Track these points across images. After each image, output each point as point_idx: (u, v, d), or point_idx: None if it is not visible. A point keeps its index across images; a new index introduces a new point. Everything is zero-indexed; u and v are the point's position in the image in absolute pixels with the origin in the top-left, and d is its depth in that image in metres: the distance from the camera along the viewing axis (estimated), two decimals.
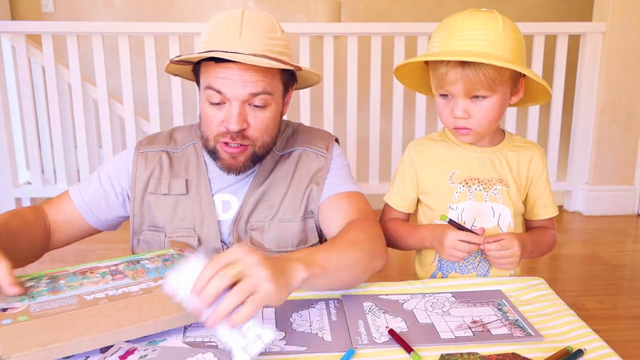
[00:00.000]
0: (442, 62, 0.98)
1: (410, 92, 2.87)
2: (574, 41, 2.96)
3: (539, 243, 1.09)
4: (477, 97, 0.98)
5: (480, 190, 1.07)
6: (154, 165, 1.12)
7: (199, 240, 1.08)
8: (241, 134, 1.00)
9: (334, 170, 1.11)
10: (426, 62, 1.05)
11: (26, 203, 2.99)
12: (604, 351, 0.76)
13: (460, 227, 1.00)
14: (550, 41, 2.88)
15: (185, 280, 0.71)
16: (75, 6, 3.81)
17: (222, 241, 1.08)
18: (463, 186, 1.07)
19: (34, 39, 2.85)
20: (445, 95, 1.01)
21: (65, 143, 2.91)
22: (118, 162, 1.14)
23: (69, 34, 2.72)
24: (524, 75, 1.01)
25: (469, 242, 0.98)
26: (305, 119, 2.85)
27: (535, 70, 2.83)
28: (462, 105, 0.99)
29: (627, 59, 2.88)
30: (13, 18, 3.64)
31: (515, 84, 1.01)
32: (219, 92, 0.98)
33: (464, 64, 0.96)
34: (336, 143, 1.16)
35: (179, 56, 1.00)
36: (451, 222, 1.00)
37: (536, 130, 2.96)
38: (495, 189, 1.06)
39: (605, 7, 2.85)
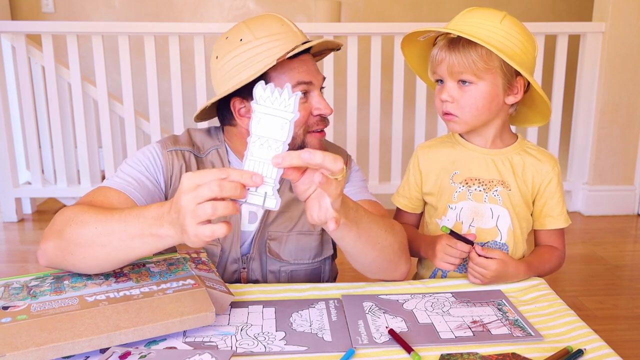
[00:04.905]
0: (435, 44, 1.03)
1: (411, 93, 2.89)
2: (574, 41, 2.96)
3: (538, 268, 1.05)
4: (464, 82, 1.00)
5: (480, 190, 1.06)
6: (182, 163, 1.06)
7: (221, 249, 1.06)
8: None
9: (352, 181, 1.11)
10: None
11: (26, 203, 2.99)
12: (604, 351, 0.76)
13: (460, 238, 1.00)
14: (550, 41, 2.88)
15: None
16: (75, 6, 3.81)
17: (241, 253, 1.08)
18: (463, 186, 1.07)
19: (34, 39, 2.84)
20: (440, 82, 1.04)
21: (65, 143, 2.90)
22: (146, 156, 1.05)
23: (69, 34, 2.72)
24: (520, 74, 1.01)
25: (457, 249, 0.99)
26: None
27: (536, 70, 2.82)
28: (448, 89, 1.02)
29: (627, 59, 2.88)
30: (13, 18, 3.64)
31: (510, 81, 1.01)
32: (309, 82, 1.01)
33: (450, 46, 0.99)
34: (353, 160, 1.17)
35: (292, 49, 0.97)
36: (452, 233, 1.00)
37: (536, 130, 2.95)
38: (496, 190, 1.06)
39: (605, 7, 2.84)
